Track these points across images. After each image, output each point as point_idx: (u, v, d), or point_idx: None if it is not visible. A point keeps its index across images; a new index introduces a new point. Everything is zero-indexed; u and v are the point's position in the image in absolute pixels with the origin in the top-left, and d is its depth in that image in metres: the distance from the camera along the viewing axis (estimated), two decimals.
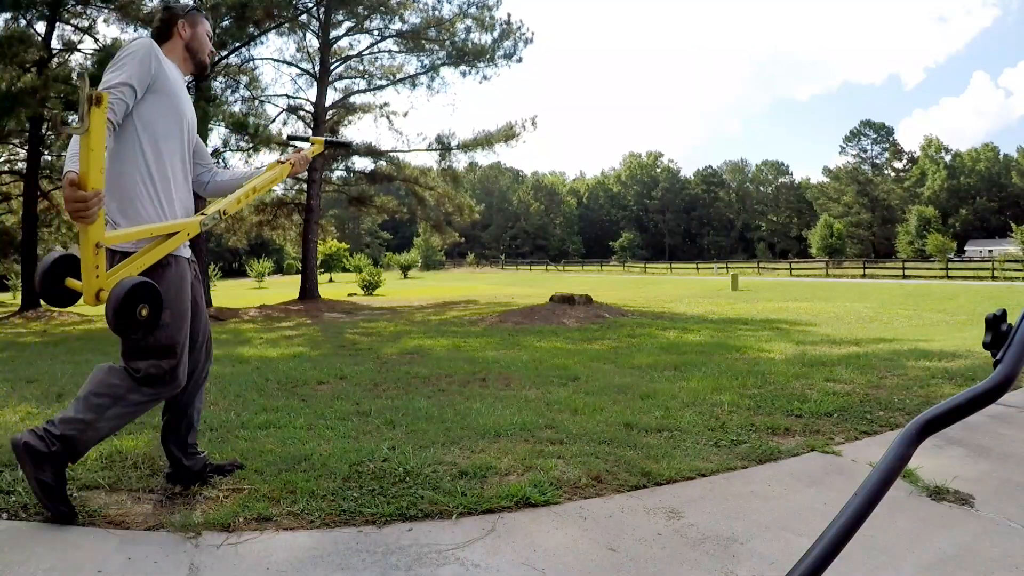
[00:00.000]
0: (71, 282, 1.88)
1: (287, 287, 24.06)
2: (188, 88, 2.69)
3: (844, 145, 75.81)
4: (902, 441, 0.62)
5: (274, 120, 17.23)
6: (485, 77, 16.62)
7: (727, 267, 40.69)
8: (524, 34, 16.16)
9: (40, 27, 13.56)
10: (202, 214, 2.10)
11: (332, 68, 16.81)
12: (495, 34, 15.93)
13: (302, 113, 17.24)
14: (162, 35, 2.17)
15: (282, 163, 2.41)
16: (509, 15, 25.34)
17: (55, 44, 13.99)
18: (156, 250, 1.92)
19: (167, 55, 2.13)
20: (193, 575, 1.61)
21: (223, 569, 1.64)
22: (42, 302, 14.98)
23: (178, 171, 2.10)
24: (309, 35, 16.66)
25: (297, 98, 17.83)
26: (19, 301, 16.25)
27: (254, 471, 2.34)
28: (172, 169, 2.07)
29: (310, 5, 15.52)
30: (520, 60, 16.49)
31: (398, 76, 17.19)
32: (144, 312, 1.73)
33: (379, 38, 16.81)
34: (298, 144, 2.75)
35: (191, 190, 2.22)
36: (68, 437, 1.85)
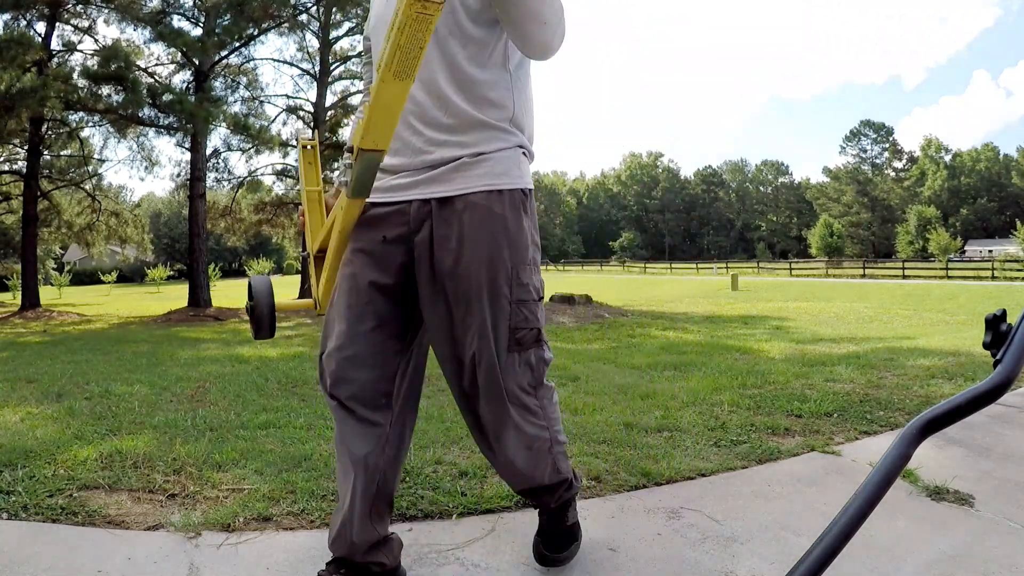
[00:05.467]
0: None
1: (287, 287, 24.04)
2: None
3: (844, 145, 75.93)
4: (902, 441, 0.62)
5: (274, 120, 17.26)
6: None
7: (727, 267, 40.72)
8: None
9: (40, 27, 13.57)
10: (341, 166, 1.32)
11: (332, 68, 16.81)
12: None
13: (302, 113, 17.24)
14: None
15: None
16: None
17: (55, 44, 14.00)
18: (329, 251, 1.50)
19: None
20: (193, 575, 1.61)
21: (223, 569, 1.64)
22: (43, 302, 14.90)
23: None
24: (309, 35, 16.66)
25: (297, 98, 17.85)
26: (19, 301, 16.23)
27: (254, 471, 2.34)
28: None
29: (309, 5, 15.51)
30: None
31: None
32: (248, 306, 1.60)
33: None
34: None
35: (408, 127, 1.34)
36: None
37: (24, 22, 13.21)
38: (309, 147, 1.84)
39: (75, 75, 12.72)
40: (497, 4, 1.21)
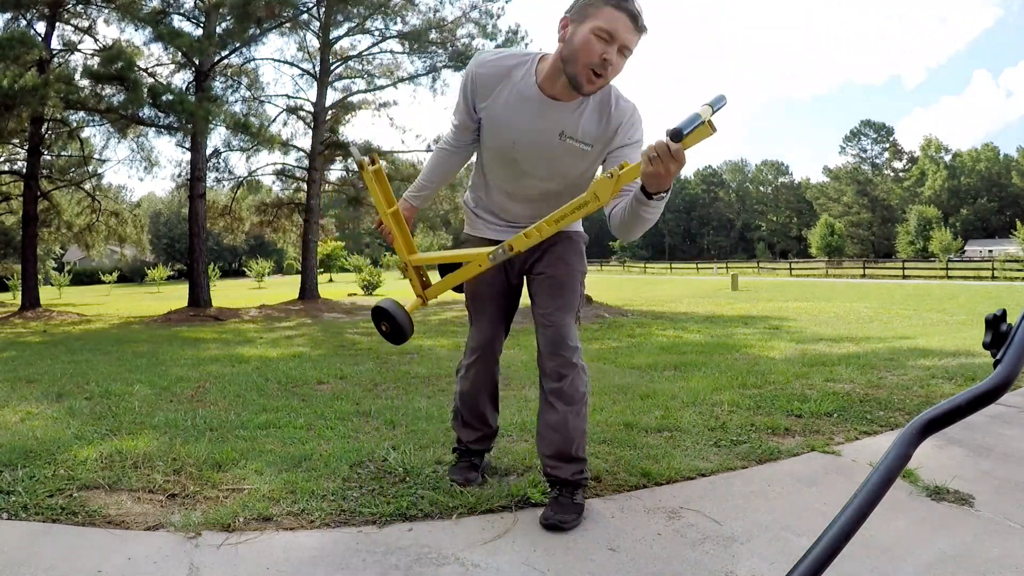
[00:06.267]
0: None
1: (287, 287, 24.05)
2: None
3: (844, 145, 75.93)
4: (902, 441, 0.62)
5: (274, 120, 17.24)
6: None
7: (727, 267, 40.72)
8: (526, 42, 16.08)
9: (40, 27, 13.57)
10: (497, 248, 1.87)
11: (332, 68, 16.79)
12: (499, 41, 15.85)
13: (302, 113, 17.23)
14: None
15: (612, 176, 1.61)
16: (518, 24, 25.23)
17: (55, 44, 14.00)
18: (448, 278, 2.02)
19: (547, 61, 1.80)
20: (193, 575, 1.61)
21: (223, 569, 1.64)
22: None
23: (500, 200, 2.09)
24: (310, 35, 16.65)
25: (297, 98, 17.83)
26: (19, 301, 16.23)
27: (254, 471, 2.34)
28: (492, 197, 2.11)
29: (311, 5, 15.50)
30: None
31: (399, 76, 17.16)
32: (384, 327, 2.04)
33: (380, 38, 16.79)
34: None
35: (530, 215, 2.01)
36: None
37: (24, 22, 13.22)
38: (371, 169, 2.01)
39: (77, 75, 12.72)
40: (632, 219, 1.69)
